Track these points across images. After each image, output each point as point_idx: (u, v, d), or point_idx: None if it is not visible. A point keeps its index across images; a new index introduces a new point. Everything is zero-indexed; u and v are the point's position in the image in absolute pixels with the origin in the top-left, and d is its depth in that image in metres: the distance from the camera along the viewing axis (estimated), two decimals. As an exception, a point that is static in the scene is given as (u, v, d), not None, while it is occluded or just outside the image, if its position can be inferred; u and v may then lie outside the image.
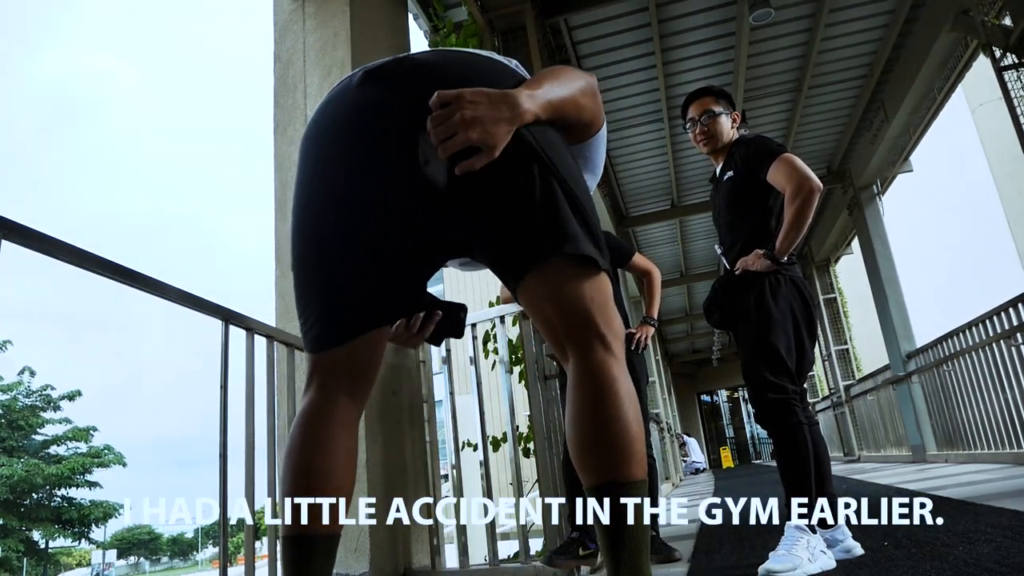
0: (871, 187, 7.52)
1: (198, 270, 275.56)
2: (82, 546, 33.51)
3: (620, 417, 0.94)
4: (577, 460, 0.97)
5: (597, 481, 0.93)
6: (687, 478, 12.85)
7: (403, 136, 0.96)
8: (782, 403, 2.05)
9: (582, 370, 0.97)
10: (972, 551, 1.82)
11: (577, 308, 0.97)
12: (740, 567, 2.12)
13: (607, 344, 0.98)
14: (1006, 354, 4.78)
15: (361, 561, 2.09)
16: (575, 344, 0.98)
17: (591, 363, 0.97)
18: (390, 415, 2.43)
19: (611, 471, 0.93)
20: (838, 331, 10.19)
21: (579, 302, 0.97)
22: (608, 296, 1.00)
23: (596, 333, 0.97)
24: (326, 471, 1.00)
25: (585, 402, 0.96)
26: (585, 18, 4.89)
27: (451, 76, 0.99)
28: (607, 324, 0.98)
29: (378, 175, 0.98)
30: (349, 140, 1.01)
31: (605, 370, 0.96)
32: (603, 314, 0.98)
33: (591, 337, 0.97)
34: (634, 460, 0.93)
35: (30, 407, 26.29)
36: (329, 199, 1.02)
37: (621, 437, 0.94)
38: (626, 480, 0.92)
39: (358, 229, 0.99)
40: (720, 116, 2.33)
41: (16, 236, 1.25)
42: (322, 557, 0.99)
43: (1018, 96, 3.93)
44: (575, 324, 0.97)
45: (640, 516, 0.93)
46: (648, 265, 2.97)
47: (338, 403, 1.06)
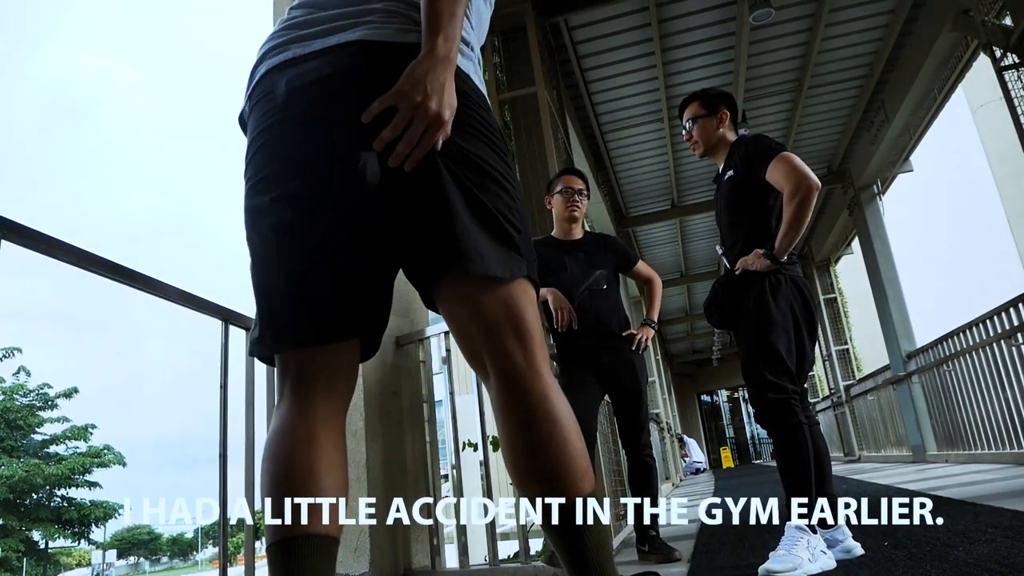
0: (871, 187, 7.52)
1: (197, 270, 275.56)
2: (82, 546, 33.52)
3: (555, 439, 0.90)
4: (520, 488, 0.93)
5: (547, 498, 0.90)
6: (687, 478, 12.85)
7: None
8: (782, 403, 2.05)
9: (502, 390, 0.93)
10: (972, 551, 1.82)
11: (486, 324, 0.92)
12: (740, 567, 2.11)
13: (528, 359, 0.93)
14: (1006, 354, 4.78)
15: (361, 561, 2.09)
16: (490, 360, 0.93)
17: (511, 382, 0.92)
18: (390, 415, 2.43)
19: (558, 495, 0.89)
20: (838, 331, 10.19)
21: (486, 318, 0.92)
22: (524, 306, 0.95)
23: (512, 348, 0.92)
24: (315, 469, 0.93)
25: (516, 430, 0.91)
26: (585, 18, 4.89)
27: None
28: (522, 337, 0.93)
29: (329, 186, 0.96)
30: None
31: (528, 388, 0.92)
32: (518, 329, 0.93)
33: (507, 351, 0.92)
34: (578, 477, 0.90)
35: (28, 406, 26.29)
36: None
37: (560, 460, 0.90)
38: (574, 499, 0.89)
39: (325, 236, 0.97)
40: (700, 120, 2.37)
41: (16, 236, 1.25)
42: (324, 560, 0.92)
43: (1018, 96, 3.92)
44: (487, 340, 0.93)
45: (597, 525, 0.90)
46: (650, 273, 2.99)
47: (318, 414, 0.97)
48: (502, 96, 3.92)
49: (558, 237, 2.89)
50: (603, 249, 2.89)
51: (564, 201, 2.85)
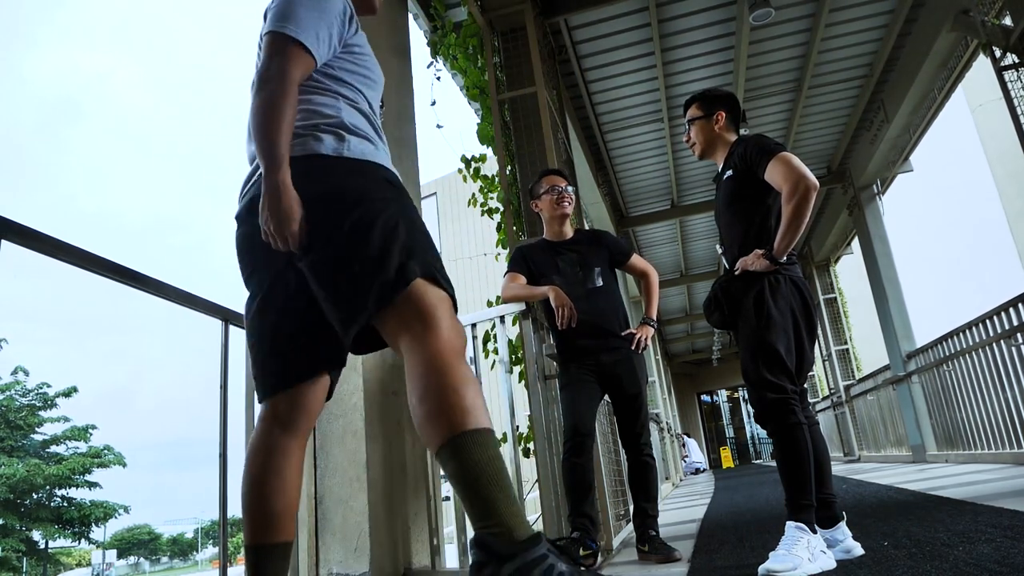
0: (871, 187, 7.52)
1: (197, 270, 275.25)
2: (82, 546, 33.52)
3: (442, 381, 1.12)
4: (422, 438, 1.15)
5: (433, 448, 1.10)
6: (687, 478, 12.85)
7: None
8: (781, 403, 2.05)
9: (411, 361, 1.17)
10: (972, 551, 1.82)
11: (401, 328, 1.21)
12: (740, 567, 2.11)
13: (426, 327, 1.18)
14: (1006, 354, 4.78)
15: (361, 561, 2.09)
16: (403, 341, 1.20)
17: (411, 345, 1.17)
18: (390, 415, 2.43)
19: (444, 431, 1.09)
20: (838, 331, 10.19)
21: (392, 339, 1.22)
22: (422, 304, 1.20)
23: (414, 326, 1.19)
24: (263, 496, 1.28)
25: (409, 377, 1.16)
26: (585, 18, 4.89)
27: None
28: (423, 319, 1.19)
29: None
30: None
31: (423, 344, 1.16)
32: (419, 318, 1.19)
33: (412, 330, 1.19)
34: (457, 412, 1.09)
35: (28, 406, 26.28)
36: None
37: (443, 398, 1.10)
38: (459, 434, 1.08)
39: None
40: (697, 122, 2.39)
41: (16, 236, 1.25)
42: (276, 561, 1.28)
43: (1018, 96, 3.92)
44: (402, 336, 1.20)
45: (483, 456, 1.07)
46: (645, 266, 2.96)
47: (272, 433, 1.33)
48: (502, 96, 3.92)
49: (549, 239, 2.88)
50: (595, 245, 2.87)
51: (552, 201, 2.83)
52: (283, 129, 1.23)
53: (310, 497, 2.19)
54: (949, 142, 17.02)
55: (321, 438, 2.24)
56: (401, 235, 1.24)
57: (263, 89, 1.25)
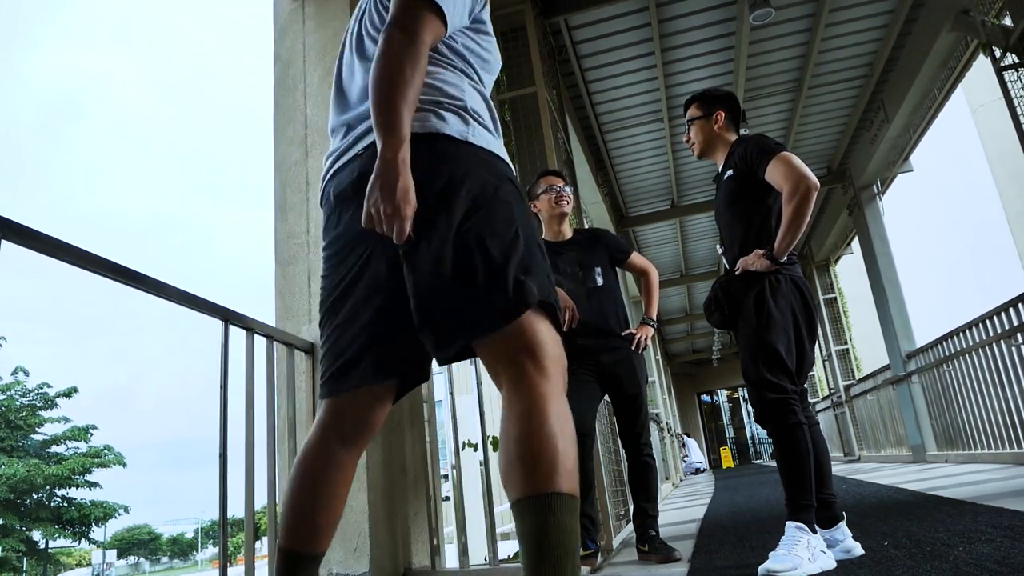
0: (871, 187, 7.52)
1: (197, 270, 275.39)
2: (82, 546, 33.51)
3: (544, 431, 0.99)
4: (505, 476, 1.00)
5: (519, 494, 0.97)
6: (687, 478, 12.85)
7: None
8: (781, 403, 2.05)
9: (512, 389, 1.05)
10: (972, 551, 1.82)
11: (494, 363, 1.09)
12: (740, 567, 2.11)
13: (536, 365, 1.05)
14: (1006, 354, 4.78)
15: (361, 561, 2.09)
16: (506, 372, 1.07)
17: (519, 381, 1.04)
18: (390, 415, 2.43)
19: (535, 485, 0.96)
20: (838, 331, 10.19)
21: (493, 363, 1.09)
22: (531, 340, 1.06)
23: (523, 360, 1.05)
24: (311, 508, 1.19)
25: (513, 418, 1.02)
26: (585, 18, 4.89)
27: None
28: (533, 354, 1.06)
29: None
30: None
31: (531, 385, 1.03)
32: (528, 350, 1.06)
33: (520, 363, 1.05)
34: (558, 473, 0.96)
35: (28, 406, 26.28)
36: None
37: (544, 452, 0.97)
38: (549, 493, 0.96)
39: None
40: (696, 122, 2.40)
41: (16, 236, 1.25)
42: (309, 569, 1.20)
43: (1018, 96, 3.92)
44: (505, 366, 1.07)
45: (566, 526, 0.95)
46: (645, 264, 2.96)
47: (330, 445, 1.21)
48: (502, 96, 3.92)
49: (548, 239, 2.88)
50: (595, 244, 2.87)
51: (550, 200, 2.83)
52: (409, 100, 1.07)
53: (310, 497, 2.19)
54: (949, 142, 17.03)
55: (321, 438, 2.24)
56: (520, 248, 1.10)
57: (389, 51, 1.09)
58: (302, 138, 2.58)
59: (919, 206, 20.44)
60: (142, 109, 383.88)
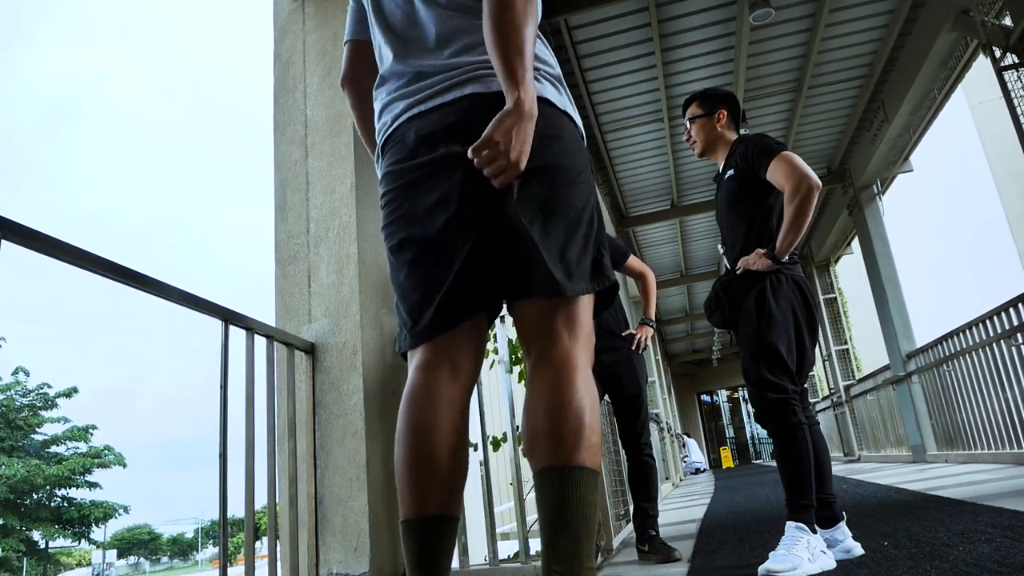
0: (871, 187, 7.52)
1: (198, 270, 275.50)
2: (82, 546, 33.52)
3: (574, 403, 1.01)
4: (529, 447, 1.02)
5: (543, 464, 0.99)
6: (687, 478, 12.85)
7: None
8: (782, 403, 2.05)
9: (540, 359, 1.06)
10: (972, 551, 1.82)
11: (547, 326, 1.08)
12: (740, 567, 2.11)
13: (572, 340, 1.07)
14: (1006, 354, 4.78)
15: (361, 561, 2.09)
16: (539, 342, 1.08)
17: (550, 353, 1.06)
18: (390, 415, 2.43)
19: (560, 457, 0.98)
20: (838, 331, 10.19)
21: (547, 324, 1.08)
22: (579, 312, 1.09)
23: (560, 332, 1.07)
24: (438, 452, 1.05)
25: (542, 389, 1.04)
26: (585, 18, 4.88)
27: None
28: (572, 328, 1.08)
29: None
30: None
31: (563, 358, 1.05)
32: (568, 324, 1.08)
33: (557, 336, 1.07)
34: (583, 447, 0.99)
35: (28, 406, 26.29)
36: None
37: (573, 424, 0.99)
38: (573, 465, 0.97)
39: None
40: (698, 120, 2.40)
41: (16, 236, 1.25)
42: (449, 537, 1.05)
43: (1018, 96, 3.92)
44: (545, 334, 1.08)
45: (587, 500, 0.97)
46: (643, 268, 2.98)
47: (439, 380, 1.10)
48: (502, 96, 3.92)
49: None
50: None
51: None
52: (532, 49, 1.06)
53: (310, 497, 2.19)
54: (949, 142, 17.02)
55: (321, 438, 2.24)
56: (597, 224, 1.15)
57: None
58: (302, 138, 2.58)
59: (919, 206, 20.45)
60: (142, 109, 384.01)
